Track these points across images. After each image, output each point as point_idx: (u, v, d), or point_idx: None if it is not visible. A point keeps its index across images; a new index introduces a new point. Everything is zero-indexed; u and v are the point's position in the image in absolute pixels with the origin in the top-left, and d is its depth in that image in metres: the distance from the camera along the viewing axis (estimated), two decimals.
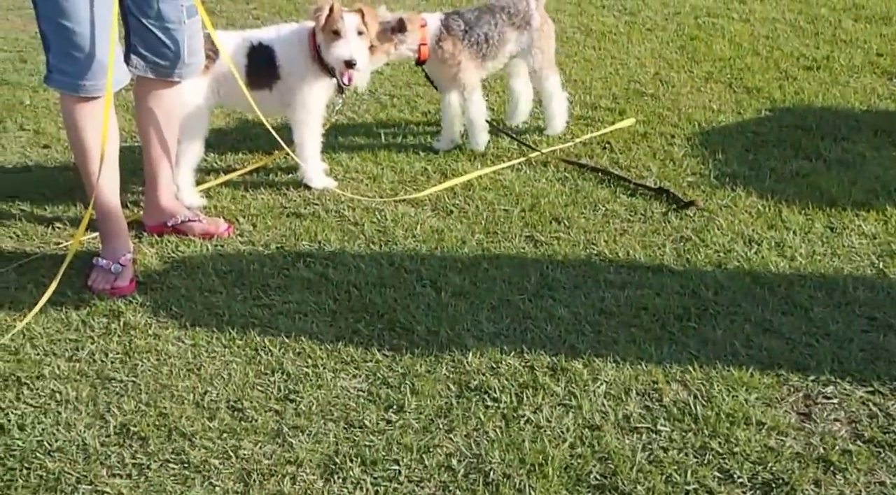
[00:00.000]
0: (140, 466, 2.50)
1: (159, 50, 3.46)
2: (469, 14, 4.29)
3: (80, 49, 3.13)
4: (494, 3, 4.39)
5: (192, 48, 3.53)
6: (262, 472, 2.47)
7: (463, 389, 2.77)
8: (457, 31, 4.22)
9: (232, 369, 2.88)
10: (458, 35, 4.22)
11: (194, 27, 3.51)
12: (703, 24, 6.29)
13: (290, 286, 3.32)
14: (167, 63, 3.51)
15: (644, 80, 5.28)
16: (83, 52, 3.14)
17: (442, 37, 4.23)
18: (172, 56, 3.49)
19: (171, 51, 3.47)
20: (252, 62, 3.89)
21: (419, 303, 3.19)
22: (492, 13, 4.31)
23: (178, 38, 3.46)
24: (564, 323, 3.06)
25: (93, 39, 3.14)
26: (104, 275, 3.34)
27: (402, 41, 4.15)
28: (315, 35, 3.88)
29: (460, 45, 4.23)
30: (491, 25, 4.27)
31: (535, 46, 4.40)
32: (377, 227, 3.71)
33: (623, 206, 3.83)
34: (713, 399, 2.68)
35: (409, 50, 4.20)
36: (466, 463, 2.48)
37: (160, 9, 3.38)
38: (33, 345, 3.00)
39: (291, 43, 3.93)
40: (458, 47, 4.23)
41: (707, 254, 3.44)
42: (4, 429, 2.63)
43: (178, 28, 3.44)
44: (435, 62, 4.28)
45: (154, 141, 3.64)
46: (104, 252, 3.41)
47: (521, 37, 4.37)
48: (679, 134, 4.52)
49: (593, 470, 2.44)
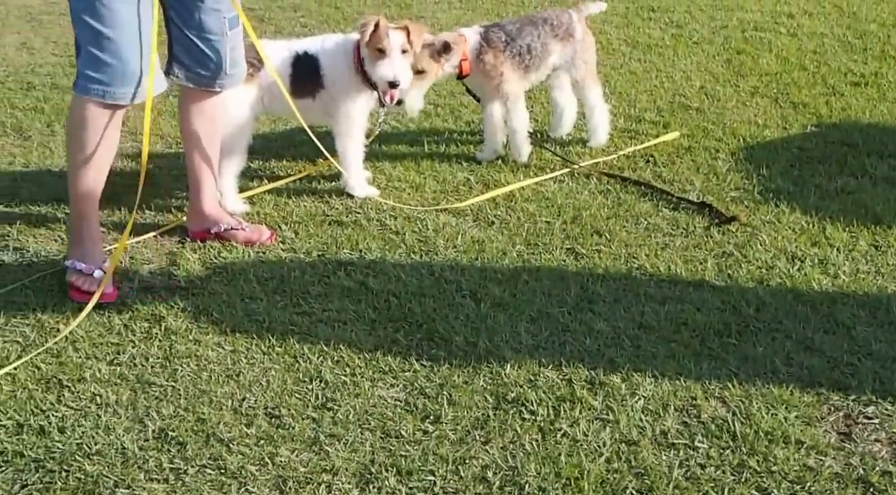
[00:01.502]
0: (177, 471, 2.52)
1: (201, 61, 3.50)
2: (510, 26, 4.30)
3: (115, 55, 3.14)
4: (537, 15, 4.41)
5: (234, 59, 3.56)
6: (297, 480, 2.48)
7: (500, 401, 2.76)
8: (498, 43, 4.23)
9: (271, 376, 2.90)
10: (500, 47, 4.22)
11: (236, 38, 3.54)
12: (750, 38, 6.24)
13: (331, 294, 3.34)
14: (208, 74, 3.54)
15: (689, 93, 5.24)
16: (118, 59, 3.15)
17: (482, 50, 4.24)
18: (214, 67, 3.52)
19: (213, 62, 3.50)
20: (296, 72, 3.93)
21: (458, 313, 3.19)
22: (534, 25, 4.32)
23: (220, 49, 3.48)
24: (603, 336, 3.04)
25: (128, 47, 3.15)
26: (87, 279, 3.31)
27: (448, 61, 4.20)
28: (359, 48, 3.91)
29: (502, 57, 4.23)
30: (534, 37, 4.28)
31: (579, 58, 4.41)
32: (418, 237, 3.72)
33: (665, 220, 3.80)
34: (752, 416, 2.64)
35: (452, 67, 4.24)
36: (502, 476, 2.47)
37: (202, 20, 3.41)
38: (75, 349, 3.05)
39: (336, 54, 3.96)
40: (500, 59, 4.23)
41: (749, 270, 3.40)
42: (45, 432, 2.67)
43: (220, 40, 3.47)
44: (477, 75, 4.30)
45: (197, 148, 3.69)
46: (80, 255, 3.36)
47: (565, 49, 4.37)
48: (723, 148, 4.48)
49: (629, 486, 2.42)
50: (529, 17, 4.42)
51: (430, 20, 6.95)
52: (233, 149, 3.94)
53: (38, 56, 6.34)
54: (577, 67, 4.42)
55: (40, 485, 2.48)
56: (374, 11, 7.19)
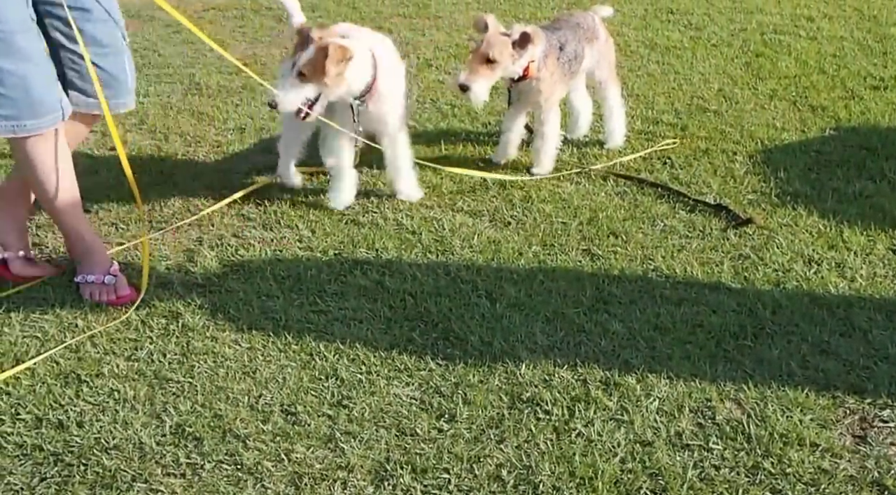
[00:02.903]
0: (194, 466, 2.54)
1: (101, 79, 3.18)
2: (555, 32, 4.12)
3: (14, 88, 2.94)
4: (568, 20, 4.28)
5: (133, 71, 3.35)
6: (313, 476, 2.49)
7: (515, 401, 2.77)
8: (555, 50, 4.05)
9: (287, 373, 2.92)
10: (556, 54, 4.06)
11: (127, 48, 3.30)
12: (769, 41, 6.21)
13: (347, 293, 3.35)
14: (111, 92, 3.25)
15: (707, 96, 5.23)
16: (21, 91, 2.95)
17: (549, 54, 4.03)
18: (117, 84, 3.27)
19: (114, 78, 3.25)
20: None
21: (474, 313, 3.20)
22: (573, 30, 4.18)
23: (120, 62, 3.24)
24: (619, 337, 3.04)
25: (29, 76, 2.95)
26: (101, 289, 3.30)
27: (521, 57, 3.91)
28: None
29: (556, 64, 4.07)
30: (576, 42, 4.17)
31: (603, 59, 4.39)
32: (434, 237, 3.73)
33: (682, 222, 3.80)
34: (767, 418, 2.64)
35: (521, 66, 3.96)
36: (516, 475, 2.48)
37: (93, 34, 3.13)
38: (93, 344, 3.08)
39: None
40: (555, 65, 4.07)
41: (766, 273, 3.39)
42: (63, 426, 2.70)
43: (116, 51, 3.21)
44: (532, 80, 4.05)
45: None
46: (87, 269, 3.33)
47: (592, 51, 4.32)
48: (741, 151, 4.47)
49: (644, 486, 2.42)
50: (564, 21, 4.27)
51: (448, 20, 6.97)
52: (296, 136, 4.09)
53: None
54: (601, 69, 4.39)
55: (59, 479, 2.51)
56: (392, 13, 7.22)
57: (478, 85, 3.82)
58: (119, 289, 3.33)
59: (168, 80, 5.76)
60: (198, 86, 5.63)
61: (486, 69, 3.82)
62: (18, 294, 3.37)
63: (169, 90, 5.57)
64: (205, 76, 5.80)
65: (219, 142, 4.75)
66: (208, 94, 5.48)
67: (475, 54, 3.84)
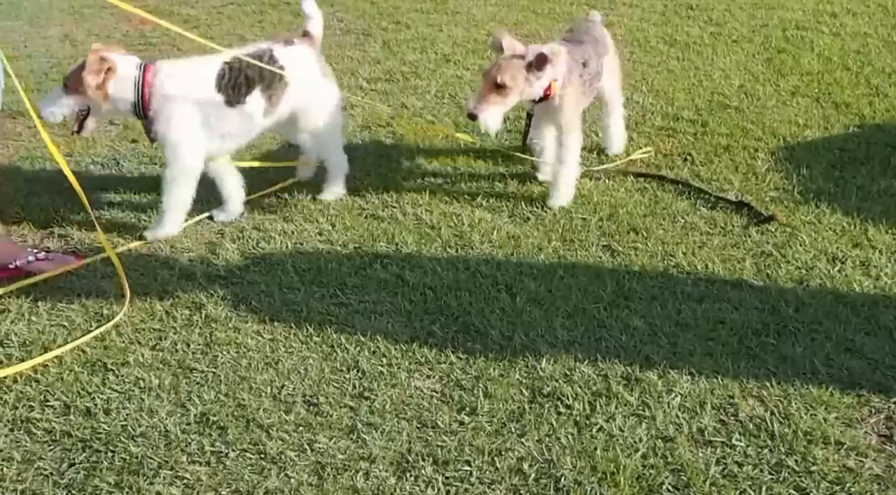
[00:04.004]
0: (218, 454, 2.56)
1: None
2: (579, 46, 3.85)
3: None
4: (587, 32, 4.02)
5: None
6: (335, 466, 2.51)
7: (536, 395, 2.77)
8: (578, 66, 3.79)
9: (309, 364, 2.93)
10: (579, 70, 3.79)
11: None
12: (791, 38, 6.18)
13: (367, 286, 3.36)
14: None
15: (728, 92, 5.21)
16: None
17: (572, 70, 3.73)
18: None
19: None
20: None
21: (494, 307, 3.20)
22: (592, 44, 3.94)
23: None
24: (640, 333, 3.04)
25: None
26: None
27: (539, 79, 3.62)
28: None
29: (579, 81, 3.80)
30: (596, 58, 3.94)
31: (613, 73, 4.22)
32: (454, 232, 3.74)
33: (703, 219, 3.78)
34: (791, 416, 2.63)
35: (541, 88, 3.67)
36: (538, 468, 2.49)
37: None
38: (119, 333, 3.10)
39: None
40: (579, 83, 3.79)
41: (788, 271, 3.38)
42: (91, 413, 2.73)
43: None
44: (555, 99, 3.74)
45: None
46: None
47: (603, 63, 4.06)
48: (763, 148, 4.45)
49: (666, 481, 2.42)
50: (585, 33, 4.00)
51: (466, 16, 6.96)
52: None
53: (81, 48, 6.41)
54: (611, 83, 4.22)
55: (87, 464, 2.54)
56: (410, 7, 7.21)
57: (488, 113, 3.56)
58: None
59: None
60: None
61: (497, 96, 3.55)
62: (45, 283, 3.40)
63: None
64: None
65: None
66: None
67: (485, 80, 3.58)
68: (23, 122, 4.97)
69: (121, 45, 3.79)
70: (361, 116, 5.00)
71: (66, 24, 7.08)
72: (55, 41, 6.63)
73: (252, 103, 3.66)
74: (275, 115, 3.76)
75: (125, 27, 6.90)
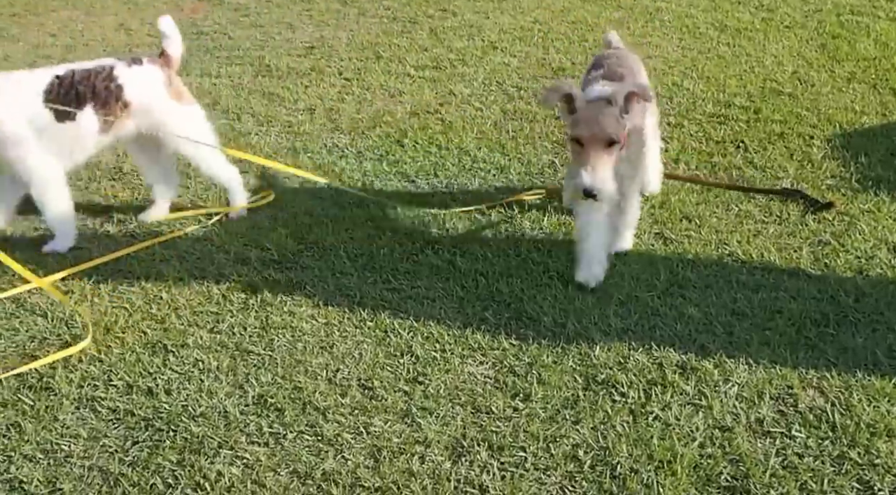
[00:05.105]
0: (276, 436, 2.59)
1: None
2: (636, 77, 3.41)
3: None
4: (616, 66, 3.44)
5: None
6: (391, 450, 2.53)
7: (590, 382, 2.76)
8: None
9: (363, 349, 2.95)
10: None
11: None
12: (846, 23, 6.07)
13: (419, 272, 3.37)
14: None
15: (781, 79, 5.14)
16: None
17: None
18: None
19: None
20: None
21: (546, 294, 3.20)
22: (631, 77, 3.41)
23: None
24: (695, 322, 3.02)
25: None
26: None
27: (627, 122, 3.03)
28: None
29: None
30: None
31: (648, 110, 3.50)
32: (504, 217, 3.73)
33: (757, 207, 3.74)
34: (852, 408, 2.60)
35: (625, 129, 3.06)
36: (593, 455, 2.48)
37: None
38: (178, 316, 3.15)
39: None
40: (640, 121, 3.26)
41: (847, 260, 3.33)
42: (153, 393, 2.77)
43: None
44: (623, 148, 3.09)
45: None
46: None
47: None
48: (818, 135, 4.38)
49: (724, 471, 2.41)
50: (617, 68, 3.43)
51: (512, 3, 6.93)
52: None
53: (135, 37, 6.50)
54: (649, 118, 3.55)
55: (150, 443, 2.58)
56: None
57: (607, 182, 2.94)
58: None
59: (238, 62, 5.83)
60: (268, 67, 5.68)
61: (607, 155, 2.95)
62: (106, 265, 3.46)
63: (239, 72, 5.63)
64: (274, 58, 5.86)
65: (290, 123, 4.79)
66: (278, 76, 5.53)
67: (593, 142, 2.94)
68: None
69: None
70: (410, 103, 5.01)
71: (121, 13, 7.16)
72: (110, 30, 6.71)
73: (84, 119, 3.47)
74: (111, 133, 3.57)
75: (177, 16, 6.94)
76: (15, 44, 6.41)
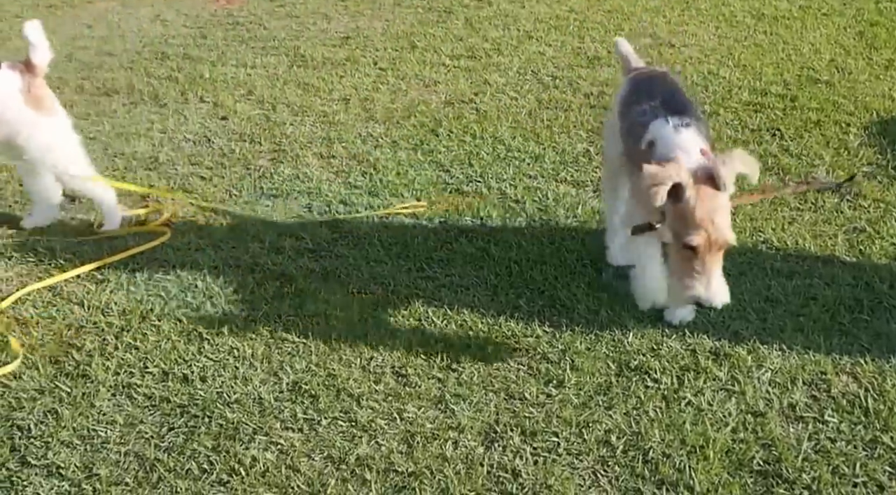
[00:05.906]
0: (311, 422, 2.63)
1: None
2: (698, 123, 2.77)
3: None
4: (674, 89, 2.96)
5: None
6: (425, 435, 2.55)
7: (623, 368, 2.77)
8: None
9: (397, 337, 2.98)
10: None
11: None
12: (884, 10, 5.98)
13: (453, 260, 3.39)
14: None
15: (818, 66, 5.08)
16: None
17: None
18: None
19: None
20: None
21: (579, 282, 3.20)
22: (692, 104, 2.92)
23: None
24: (728, 309, 2.99)
25: None
26: None
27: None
28: None
29: None
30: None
31: None
32: (538, 206, 3.74)
33: (792, 195, 3.71)
34: (886, 393, 2.58)
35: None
36: (626, 441, 2.49)
37: None
38: (213, 304, 3.20)
39: None
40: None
41: (882, 247, 3.30)
42: (188, 380, 2.82)
43: None
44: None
45: None
46: None
47: None
48: (855, 123, 4.33)
49: (756, 456, 2.40)
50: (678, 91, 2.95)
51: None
52: None
53: (171, 27, 6.59)
54: None
55: (186, 429, 2.63)
56: None
57: (725, 291, 2.55)
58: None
59: (274, 52, 5.88)
60: (303, 58, 5.73)
61: (721, 257, 2.55)
62: (142, 254, 3.52)
63: (275, 62, 5.68)
64: (309, 48, 5.90)
65: (325, 113, 4.83)
66: (313, 66, 5.58)
67: (708, 246, 2.49)
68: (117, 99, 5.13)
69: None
70: (445, 92, 5.03)
71: (157, 4, 7.25)
72: (146, 21, 6.80)
73: None
74: None
75: (213, 7, 7.04)
76: (52, 35, 6.50)
